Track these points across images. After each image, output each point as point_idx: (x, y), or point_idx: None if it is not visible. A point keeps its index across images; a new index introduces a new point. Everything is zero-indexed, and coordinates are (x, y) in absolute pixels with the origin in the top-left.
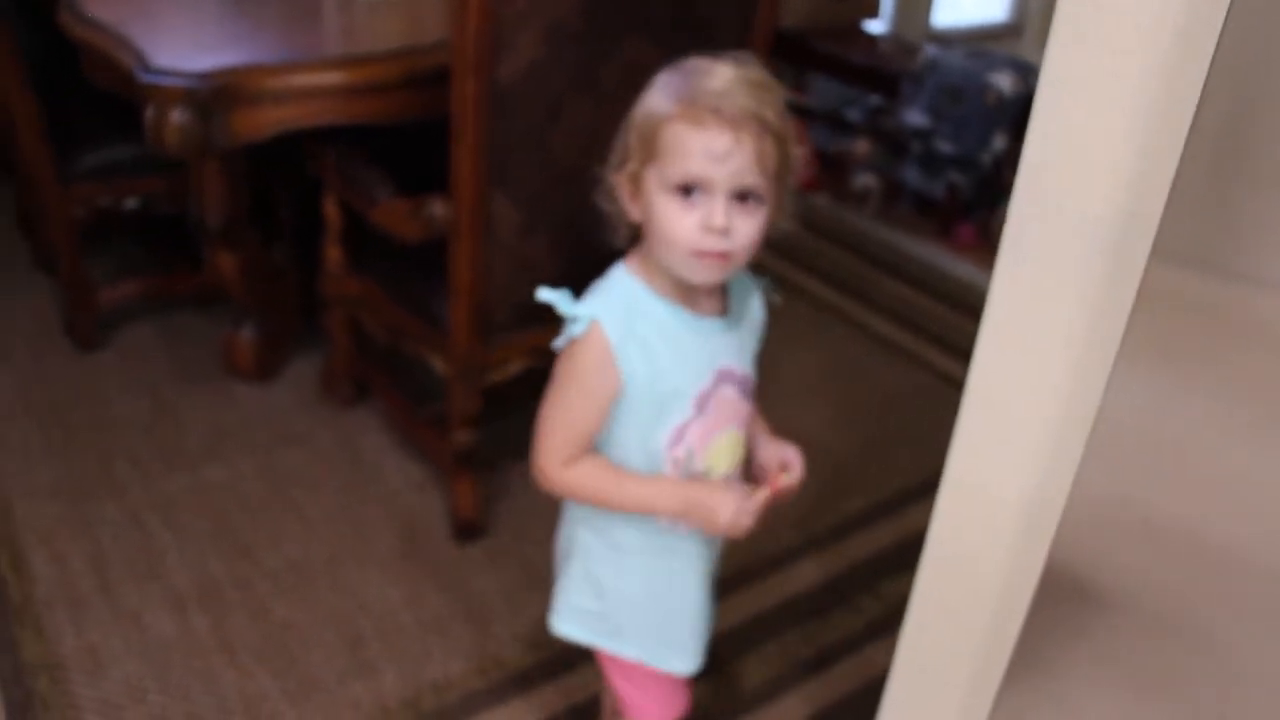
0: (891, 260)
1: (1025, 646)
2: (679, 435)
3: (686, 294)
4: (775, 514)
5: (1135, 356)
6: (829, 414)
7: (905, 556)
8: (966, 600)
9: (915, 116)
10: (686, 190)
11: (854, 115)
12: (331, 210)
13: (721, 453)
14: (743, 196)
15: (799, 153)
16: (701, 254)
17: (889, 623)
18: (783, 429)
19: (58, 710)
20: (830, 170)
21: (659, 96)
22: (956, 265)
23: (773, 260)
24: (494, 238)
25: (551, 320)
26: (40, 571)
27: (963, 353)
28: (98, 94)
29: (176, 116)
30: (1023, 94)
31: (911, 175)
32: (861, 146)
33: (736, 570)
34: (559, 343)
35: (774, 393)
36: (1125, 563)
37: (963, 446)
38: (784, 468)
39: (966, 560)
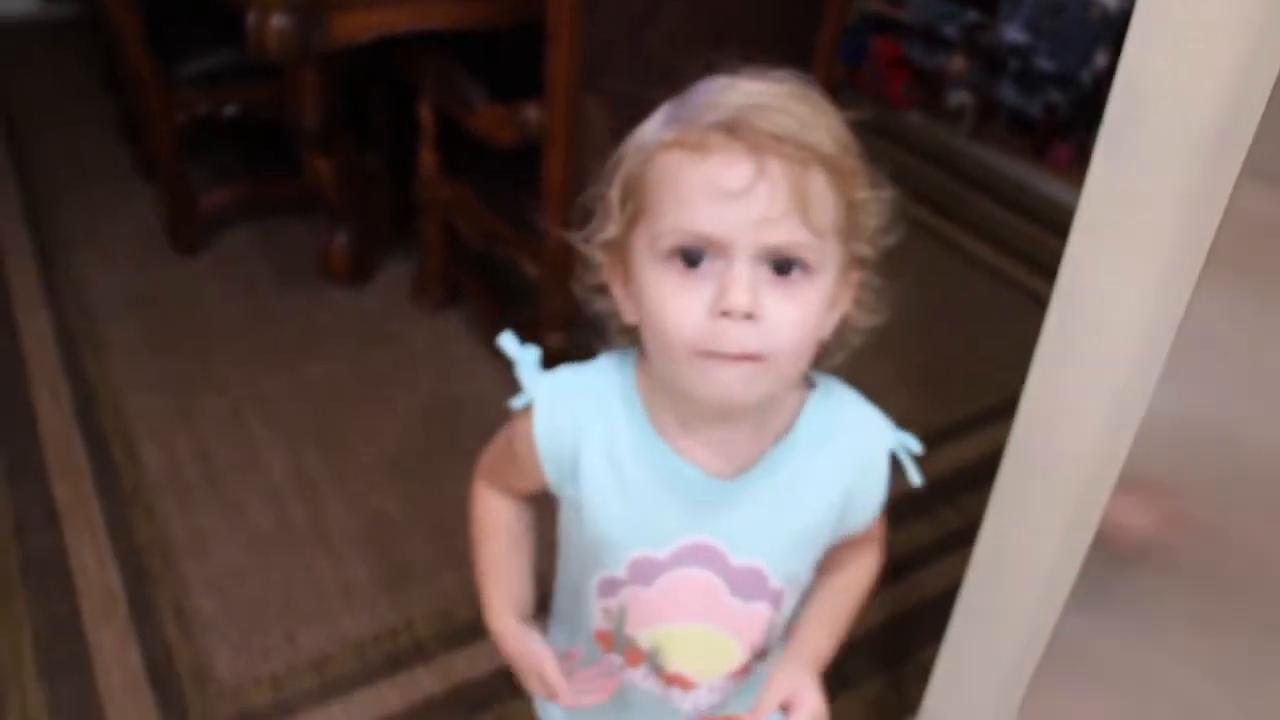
0: (984, 179)
1: (1094, 559)
2: (610, 587)
3: (693, 421)
4: None
5: (1220, 273)
6: (916, 330)
7: (988, 472)
8: (1042, 508)
9: (1014, 32)
10: (688, 257)
11: (950, 31)
12: (426, 116)
13: (685, 650)
14: (781, 265)
15: (879, 198)
16: (712, 354)
17: (968, 535)
18: (868, 344)
19: (168, 587)
20: (924, 87)
21: (652, 123)
22: (1051, 185)
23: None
24: (587, 141)
25: None
26: (149, 461)
27: (1054, 273)
28: (200, 2)
29: (277, 21)
30: (1126, 9)
31: (1008, 93)
32: (957, 63)
33: None
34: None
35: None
36: (1202, 480)
37: (1047, 350)
38: (785, 708)
39: (1044, 469)
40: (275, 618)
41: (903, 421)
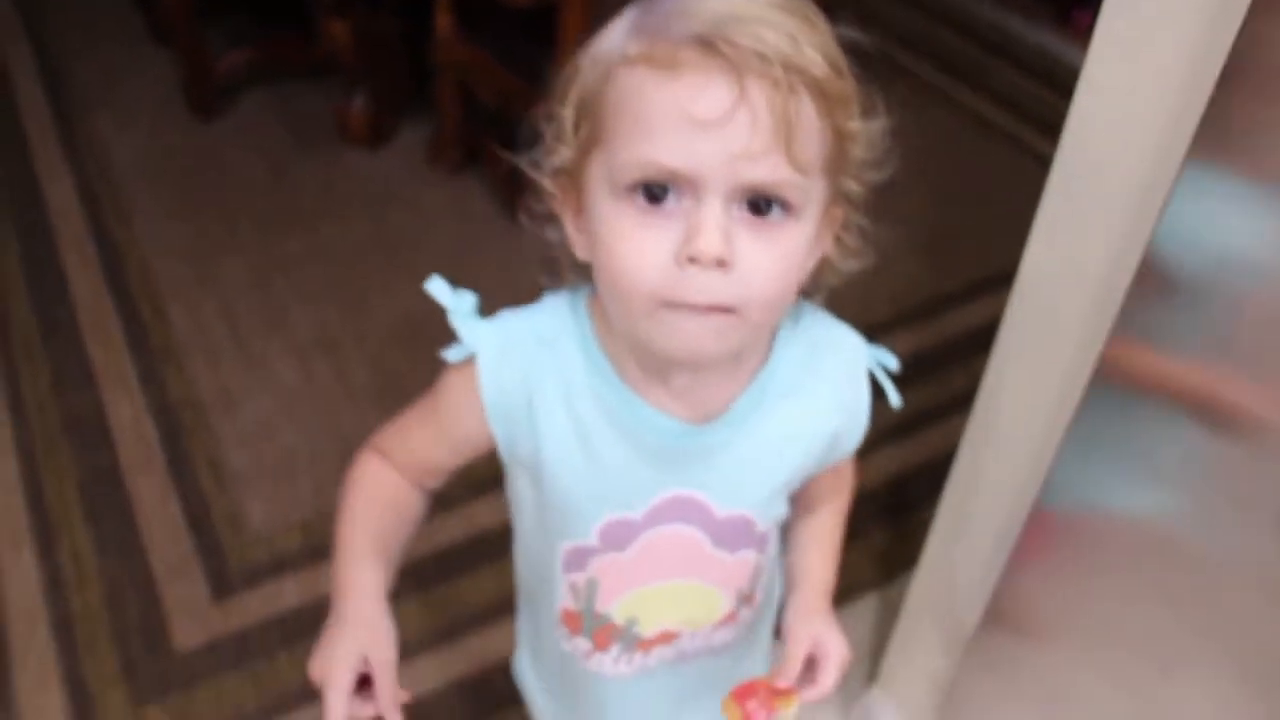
0: (1003, 44)
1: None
2: (578, 559)
3: (658, 368)
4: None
5: (1213, 131)
6: (929, 194)
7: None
8: (1038, 370)
9: None
10: (651, 193)
11: None
12: None
13: (665, 609)
14: (758, 204)
15: (872, 129)
16: (677, 305)
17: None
18: (880, 208)
19: (200, 441)
20: None
21: (614, 30)
22: (1073, 52)
23: (876, 40)
24: (604, 2)
25: None
26: (177, 321)
27: None
28: None
29: None
30: None
31: None
32: None
33: None
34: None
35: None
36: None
37: (1050, 207)
38: (808, 667)
39: (1040, 336)
40: (303, 470)
41: (910, 283)
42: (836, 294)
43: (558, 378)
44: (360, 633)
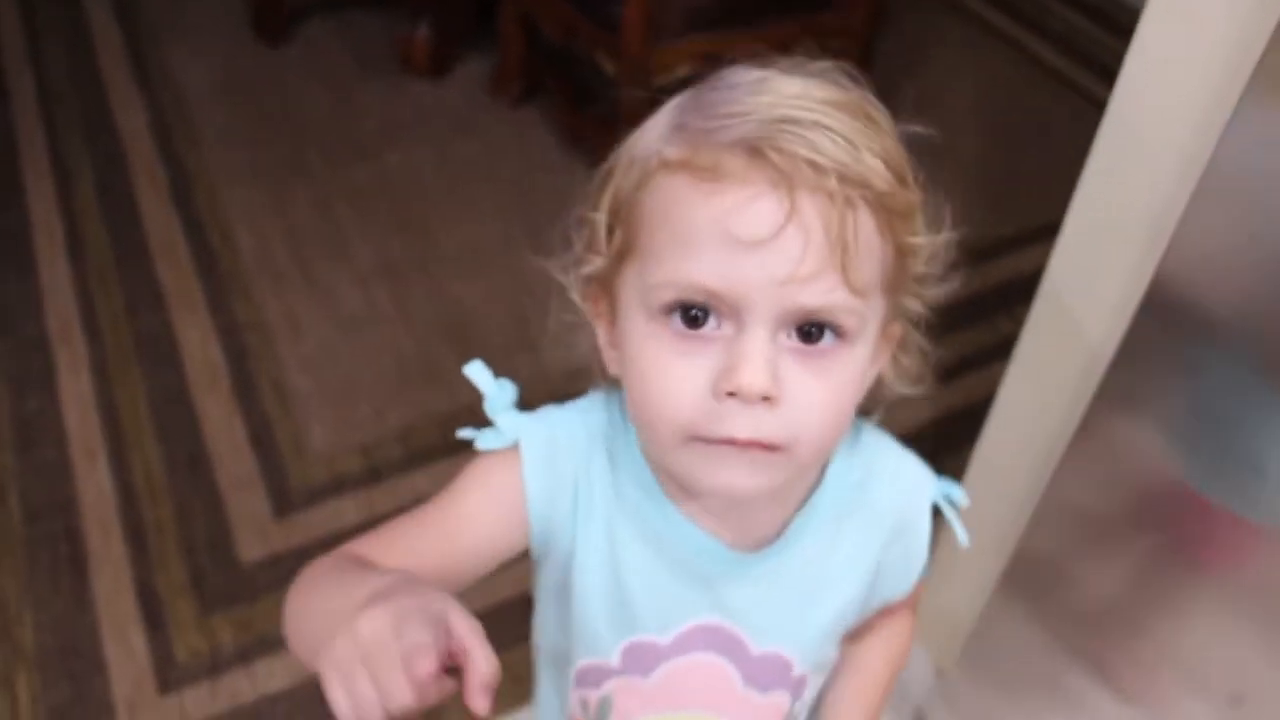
0: None
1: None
2: (594, 676)
3: (693, 492)
4: None
5: (1271, 93)
6: (986, 138)
7: None
8: (1081, 315)
9: None
10: (689, 314)
11: None
12: None
13: None
14: (809, 329)
15: (936, 242)
16: (712, 441)
17: None
18: (936, 151)
19: (266, 364)
20: None
21: (655, 125)
22: None
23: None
24: None
25: (724, 25)
26: (244, 246)
27: None
28: None
29: None
30: None
31: None
32: None
33: None
34: (476, 439)
35: (930, 113)
36: (1235, 298)
37: (1098, 160)
38: None
39: (1087, 274)
40: (365, 393)
41: (966, 229)
42: None
43: (601, 484)
44: (419, 587)
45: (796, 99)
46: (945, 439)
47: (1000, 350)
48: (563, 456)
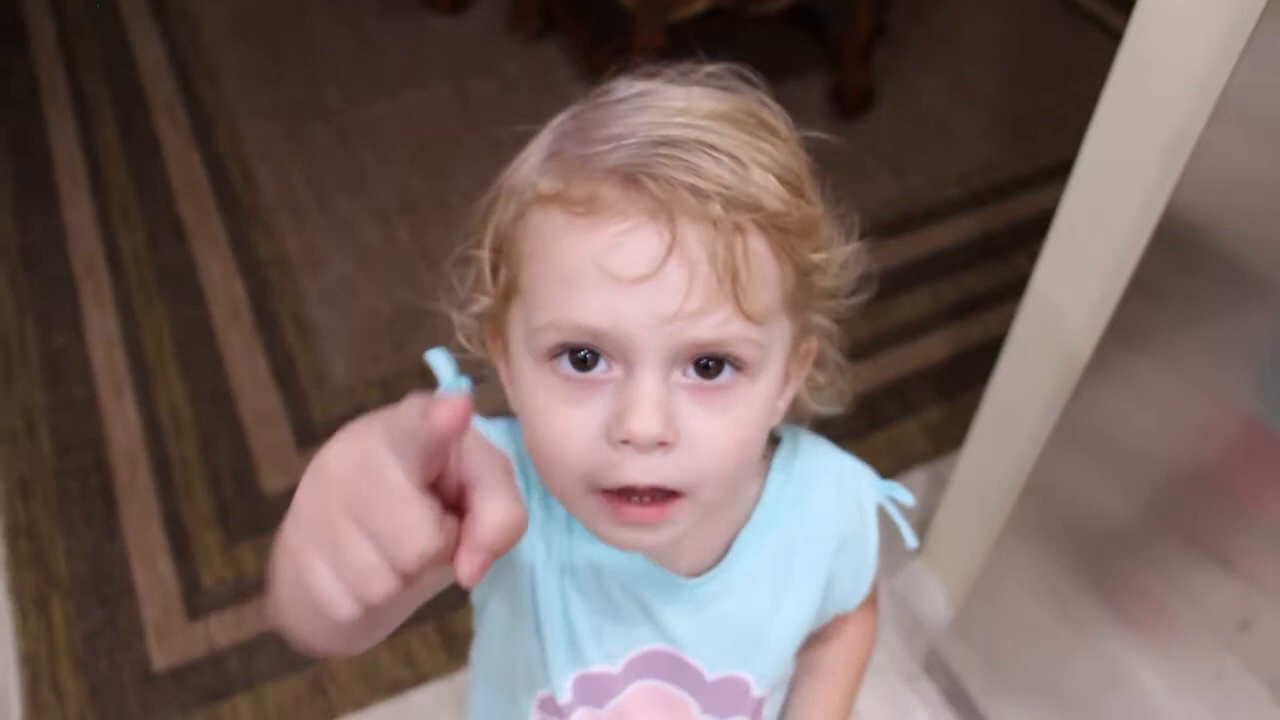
0: None
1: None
2: (551, 708)
3: None
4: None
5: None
6: (1005, 76)
7: None
8: (1094, 248)
9: None
10: (578, 357)
11: None
12: None
13: None
14: (706, 364)
15: (843, 253)
16: (608, 497)
17: None
18: (956, 89)
19: (287, 298)
20: None
21: (534, 148)
22: None
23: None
24: None
25: None
26: (264, 182)
27: None
28: None
29: None
30: None
31: None
32: None
33: (896, 216)
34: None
35: (949, 51)
36: (1247, 230)
37: (1114, 91)
38: None
39: (1101, 205)
40: (383, 329)
41: (981, 164)
42: (903, 176)
43: (540, 506)
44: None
45: (679, 116)
46: (963, 375)
47: (1017, 287)
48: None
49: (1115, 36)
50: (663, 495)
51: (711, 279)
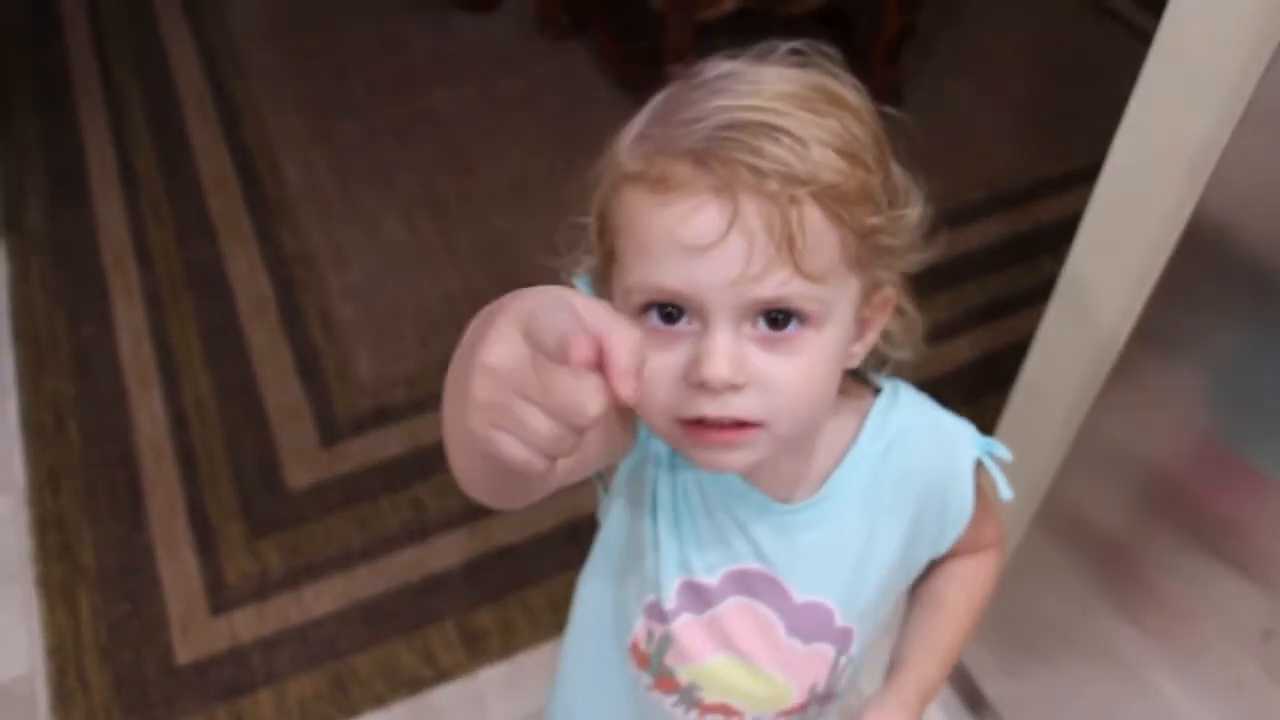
0: None
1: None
2: (657, 613)
3: None
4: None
5: None
6: (1034, 76)
7: None
8: (1120, 253)
9: None
10: (665, 311)
11: None
12: None
13: (731, 685)
14: (775, 317)
15: (904, 216)
16: (690, 426)
17: None
18: (984, 91)
19: (313, 294)
20: None
21: (630, 128)
22: None
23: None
24: None
25: None
26: (291, 177)
27: None
28: None
29: None
30: None
31: None
32: None
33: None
34: None
35: (977, 53)
36: (1276, 234)
37: (1143, 96)
38: None
39: (1128, 210)
40: (409, 325)
41: (1008, 166)
42: (929, 178)
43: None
44: (526, 290)
45: (748, 98)
46: (988, 379)
47: (1044, 290)
48: None
49: (1144, 39)
50: (739, 425)
51: (769, 246)
